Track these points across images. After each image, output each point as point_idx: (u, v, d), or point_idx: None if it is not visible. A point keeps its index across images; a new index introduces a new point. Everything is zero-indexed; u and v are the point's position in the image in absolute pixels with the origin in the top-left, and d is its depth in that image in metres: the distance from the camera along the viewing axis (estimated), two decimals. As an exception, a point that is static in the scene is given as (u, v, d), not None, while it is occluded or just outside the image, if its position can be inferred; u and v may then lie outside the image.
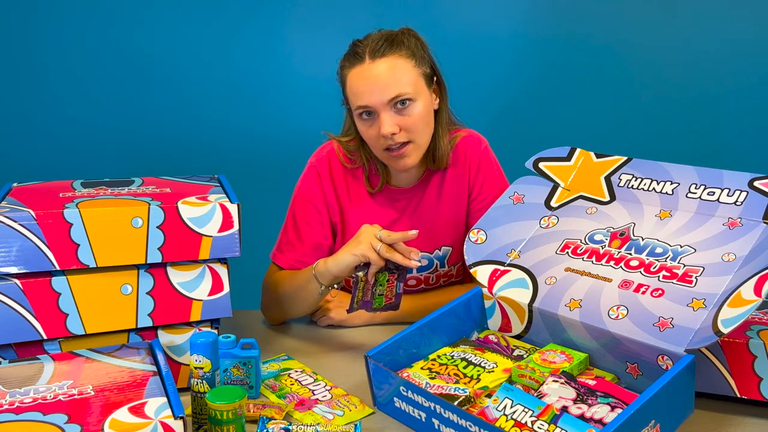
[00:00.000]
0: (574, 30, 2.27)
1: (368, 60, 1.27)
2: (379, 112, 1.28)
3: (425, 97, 1.31)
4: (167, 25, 2.24)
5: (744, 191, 1.08)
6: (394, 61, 1.28)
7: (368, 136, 1.32)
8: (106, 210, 1.06)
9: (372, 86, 1.27)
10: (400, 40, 1.30)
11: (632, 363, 1.01)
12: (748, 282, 0.96)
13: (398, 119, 1.28)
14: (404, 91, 1.27)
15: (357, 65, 1.29)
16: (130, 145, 2.31)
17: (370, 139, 1.32)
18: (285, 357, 1.24)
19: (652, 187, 1.16)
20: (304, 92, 2.28)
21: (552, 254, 1.16)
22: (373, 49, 1.28)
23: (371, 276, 1.18)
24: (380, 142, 1.30)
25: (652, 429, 0.88)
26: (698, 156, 2.05)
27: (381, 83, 1.26)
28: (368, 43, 1.29)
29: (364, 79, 1.28)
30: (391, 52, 1.28)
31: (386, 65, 1.27)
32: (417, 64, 1.30)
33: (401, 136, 1.29)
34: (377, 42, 1.29)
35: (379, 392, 1.05)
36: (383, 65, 1.27)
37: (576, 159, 1.28)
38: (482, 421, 0.88)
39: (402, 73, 1.28)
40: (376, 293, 1.20)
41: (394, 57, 1.28)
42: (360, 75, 1.28)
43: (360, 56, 1.28)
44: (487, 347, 1.12)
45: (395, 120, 1.28)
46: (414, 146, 1.31)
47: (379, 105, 1.27)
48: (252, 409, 1.03)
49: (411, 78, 1.28)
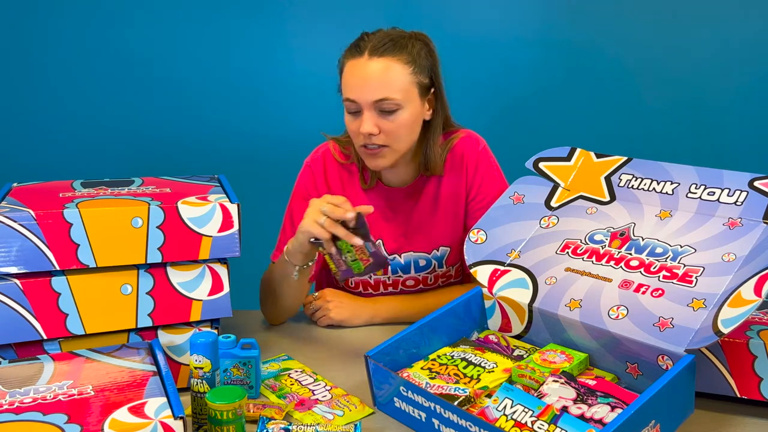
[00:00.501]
0: (575, 30, 2.27)
1: (366, 56, 1.27)
2: (362, 110, 1.28)
3: (414, 106, 1.30)
4: (167, 26, 2.24)
5: (744, 191, 1.08)
6: (390, 63, 1.27)
7: (350, 128, 1.33)
8: (106, 210, 1.06)
9: (362, 83, 1.27)
10: (404, 44, 1.29)
11: (632, 363, 1.01)
12: (748, 282, 0.96)
13: (380, 121, 1.28)
14: (392, 96, 1.27)
15: (355, 58, 1.29)
16: (130, 145, 2.31)
17: (351, 132, 1.33)
18: (285, 357, 1.24)
19: (652, 187, 1.16)
20: (304, 92, 2.28)
21: (552, 254, 1.16)
22: (374, 46, 1.27)
23: (329, 247, 1.17)
24: (358, 138, 1.31)
25: (652, 429, 0.88)
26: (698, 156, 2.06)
27: (371, 82, 1.26)
28: (372, 39, 1.29)
29: (356, 73, 1.28)
30: (390, 54, 1.27)
31: (381, 66, 1.27)
32: (414, 71, 1.29)
33: (379, 139, 1.29)
34: (381, 40, 1.28)
35: (379, 392, 1.05)
36: (378, 65, 1.27)
37: (576, 159, 1.28)
38: (482, 421, 0.88)
39: (394, 78, 1.27)
40: (348, 260, 1.17)
41: (391, 59, 1.27)
42: (354, 68, 1.28)
43: (360, 50, 1.28)
44: (487, 347, 1.12)
45: (377, 121, 1.28)
46: (390, 150, 1.31)
47: (364, 103, 1.27)
48: (252, 409, 1.03)
49: (403, 84, 1.28)
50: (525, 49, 2.28)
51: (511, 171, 1.40)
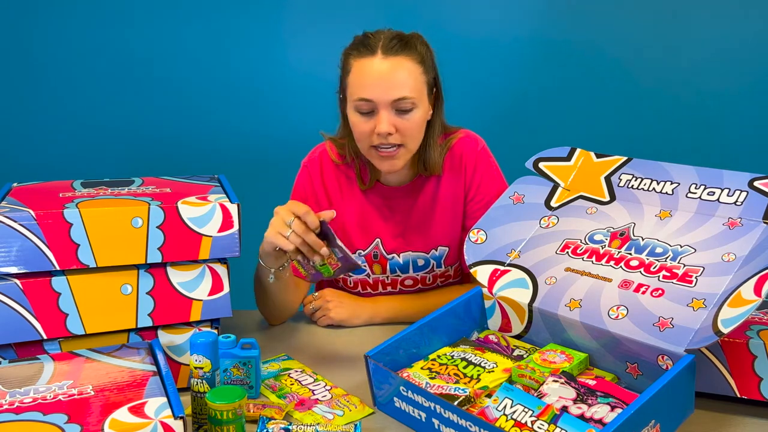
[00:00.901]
0: (575, 31, 2.27)
1: (380, 54, 1.26)
2: (378, 110, 1.27)
3: (424, 105, 1.31)
4: (167, 26, 2.24)
5: (744, 191, 1.08)
6: (404, 62, 1.27)
7: (360, 130, 1.30)
8: (106, 210, 1.06)
9: (379, 82, 1.26)
10: (413, 43, 1.29)
11: (632, 363, 1.01)
12: (748, 282, 0.96)
13: (396, 121, 1.28)
14: (409, 94, 1.27)
15: (367, 56, 1.27)
16: (130, 145, 2.31)
17: (361, 133, 1.31)
18: (285, 357, 1.24)
19: (652, 187, 1.16)
20: (304, 92, 2.28)
21: (552, 254, 1.16)
22: (386, 45, 1.27)
23: (294, 255, 1.15)
24: (371, 139, 1.30)
25: (652, 429, 0.88)
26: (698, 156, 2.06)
27: (389, 81, 1.26)
28: (381, 38, 1.28)
29: (372, 72, 1.27)
30: (403, 53, 1.27)
31: (398, 65, 1.26)
32: (424, 71, 1.30)
33: (395, 138, 1.29)
34: (391, 39, 1.28)
35: (379, 392, 1.05)
36: (395, 64, 1.26)
37: (576, 159, 1.28)
38: (482, 421, 0.88)
39: (410, 77, 1.27)
40: (317, 265, 1.15)
41: (405, 58, 1.27)
42: (369, 67, 1.27)
43: (372, 48, 1.27)
44: (488, 347, 1.12)
45: (393, 121, 1.27)
46: (405, 150, 1.31)
47: (382, 102, 1.26)
48: (252, 409, 1.03)
49: (417, 83, 1.28)
50: (525, 49, 2.28)
51: (511, 171, 1.40)
